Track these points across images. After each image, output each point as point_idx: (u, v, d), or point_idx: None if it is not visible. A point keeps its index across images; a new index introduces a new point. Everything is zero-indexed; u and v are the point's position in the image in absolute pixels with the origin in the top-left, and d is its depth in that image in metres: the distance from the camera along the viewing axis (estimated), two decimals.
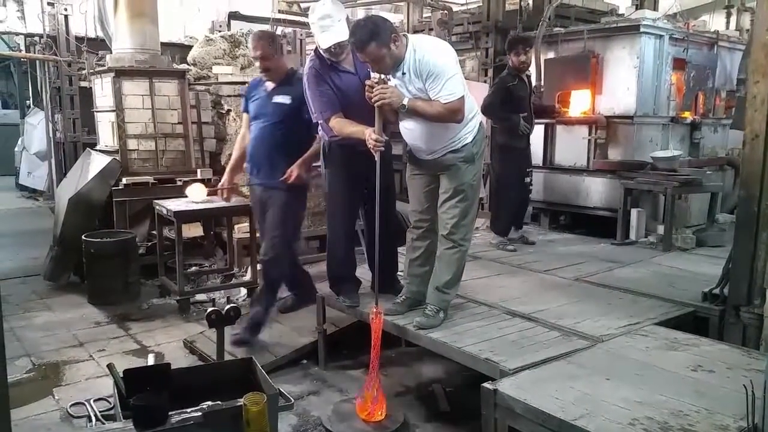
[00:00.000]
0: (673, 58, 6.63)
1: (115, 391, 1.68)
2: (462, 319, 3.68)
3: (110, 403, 1.68)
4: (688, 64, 6.77)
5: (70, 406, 1.69)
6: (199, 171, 6.57)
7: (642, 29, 6.21)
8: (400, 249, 4.17)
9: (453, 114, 3.29)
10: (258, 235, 5.11)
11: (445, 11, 7.81)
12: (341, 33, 3.53)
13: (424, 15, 8.82)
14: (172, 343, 4.68)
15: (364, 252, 4.32)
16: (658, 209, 6.27)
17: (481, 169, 3.69)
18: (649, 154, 6.26)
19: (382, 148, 3.36)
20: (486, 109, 5.23)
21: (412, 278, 3.81)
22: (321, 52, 3.67)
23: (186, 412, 1.64)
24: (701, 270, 4.72)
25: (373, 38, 3.16)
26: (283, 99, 4.25)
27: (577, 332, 3.45)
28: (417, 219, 3.74)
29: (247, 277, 5.88)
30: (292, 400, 1.81)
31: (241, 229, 6.20)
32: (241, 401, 1.65)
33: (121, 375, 1.71)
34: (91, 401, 1.66)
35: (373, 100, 3.26)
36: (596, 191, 6.60)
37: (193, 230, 6.44)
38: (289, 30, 11.81)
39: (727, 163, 7.23)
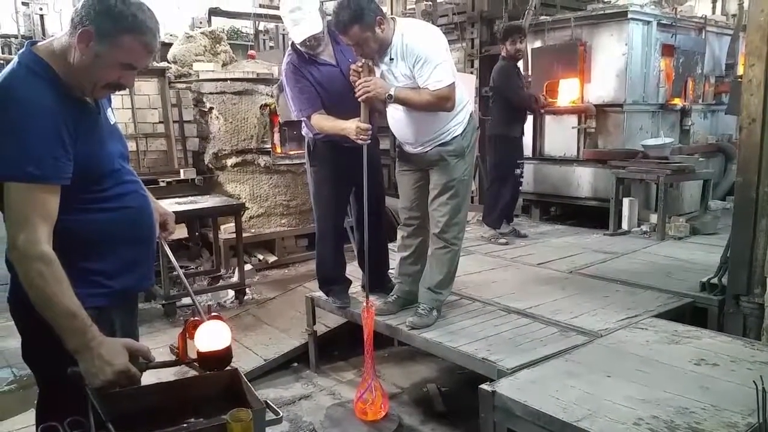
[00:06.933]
0: (661, 44, 6.56)
1: (91, 415, 1.55)
2: (456, 317, 3.57)
3: (85, 424, 1.55)
4: (677, 50, 6.70)
5: (41, 428, 1.56)
6: (182, 171, 6.42)
7: (630, 15, 6.12)
8: (390, 246, 4.05)
9: (443, 101, 3.12)
10: None
11: (429, 2, 7.67)
12: (314, 25, 3.35)
13: (408, 6, 8.69)
14: (158, 349, 4.50)
15: (354, 249, 4.20)
16: (650, 198, 6.19)
17: (473, 163, 3.55)
18: (639, 143, 6.19)
19: (369, 140, 3.21)
20: (516, 97, 5.52)
21: (403, 277, 3.69)
22: (297, 46, 3.52)
23: None
24: (697, 259, 4.65)
25: (356, 20, 2.98)
26: None
27: (574, 327, 3.36)
28: (407, 216, 3.61)
29: (235, 278, 5.74)
30: (281, 414, 1.69)
31: (227, 230, 6.05)
32: (224, 418, 1.53)
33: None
34: (65, 424, 1.53)
35: (357, 95, 3.11)
36: (587, 181, 6.52)
37: (177, 232, 6.27)
38: (270, 25, 11.67)
39: (717, 150, 7.19)
